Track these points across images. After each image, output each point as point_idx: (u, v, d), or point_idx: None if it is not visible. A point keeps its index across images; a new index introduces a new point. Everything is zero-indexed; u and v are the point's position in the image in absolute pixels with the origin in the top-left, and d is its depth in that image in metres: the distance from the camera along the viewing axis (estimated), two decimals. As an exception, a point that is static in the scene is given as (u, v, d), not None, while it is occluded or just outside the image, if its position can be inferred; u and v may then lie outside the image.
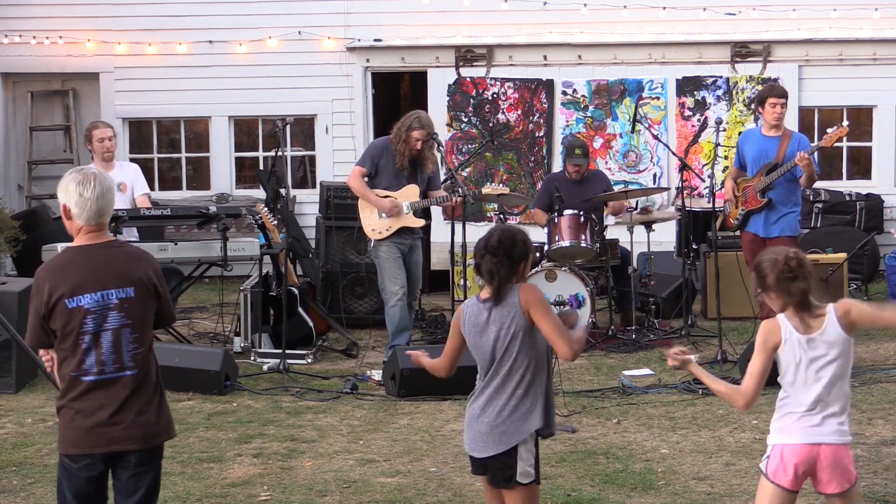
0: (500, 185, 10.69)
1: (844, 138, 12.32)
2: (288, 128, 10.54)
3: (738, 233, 9.23)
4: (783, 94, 8.86)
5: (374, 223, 8.84)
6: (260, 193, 12.22)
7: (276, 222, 9.36)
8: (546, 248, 9.52)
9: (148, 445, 4.26)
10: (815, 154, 8.58)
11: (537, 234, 10.07)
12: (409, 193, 8.85)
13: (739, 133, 11.96)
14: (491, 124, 12.31)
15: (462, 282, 9.70)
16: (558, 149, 12.06)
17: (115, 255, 4.28)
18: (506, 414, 4.37)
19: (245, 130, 13.36)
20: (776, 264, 4.24)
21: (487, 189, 9.50)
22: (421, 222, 8.97)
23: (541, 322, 4.34)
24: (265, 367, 8.72)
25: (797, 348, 4.24)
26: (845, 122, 8.79)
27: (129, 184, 9.38)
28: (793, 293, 4.22)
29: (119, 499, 4.30)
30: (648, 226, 9.90)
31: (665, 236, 11.02)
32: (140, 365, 4.24)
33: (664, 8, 12.36)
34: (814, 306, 4.25)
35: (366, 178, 8.89)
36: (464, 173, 11.96)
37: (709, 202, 9.35)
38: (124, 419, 4.21)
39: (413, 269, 8.97)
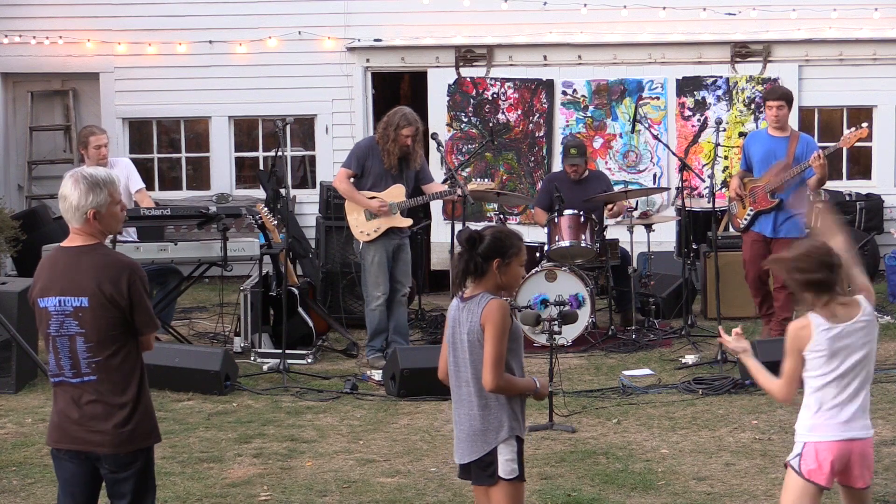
0: (486, 180, 10.70)
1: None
2: (288, 128, 10.53)
3: (741, 233, 9.21)
4: (779, 97, 8.83)
5: (361, 224, 8.86)
6: (260, 193, 12.22)
7: (276, 222, 9.36)
8: (546, 248, 9.52)
9: (117, 451, 4.22)
10: None
11: (537, 234, 10.09)
12: (395, 194, 8.87)
13: (740, 133, 12.00)
14: (491, 124, 12.30)
15: (462, 282, 9.67)
16: (558, 149, 12.05)
17: (82, 262, 4.21)
18: (477, 424, 4.37)
19: (245, 130, 13.36)
20: (792, 265, 4.26)
21: (473, 185, 9.48)
22: (408, 222, 8.99)
23: (486, 342, 4.30)
24: (265, 367, 8.72)
25: (827, 341, 4.22)
26: (864, 124, 8.78)
27: (122, 181, 9.35)
28: (805, 288, 4.24)
29: (111, 501, 4.33)
30: (648, 226, 9.89)
31: (665, 236, 11.01)
32: (99, 372, 4.20)
33: (664, 8, 12.35)
34: (838, 295, 4.24)
35: (352, 180, 8.91)
36: (464, 173, 11.95)
37: (709, 202, 9.35)
38: (89, 422, 4.21)
39: (401, 267, 8.99)
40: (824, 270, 4.21)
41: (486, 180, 12.07)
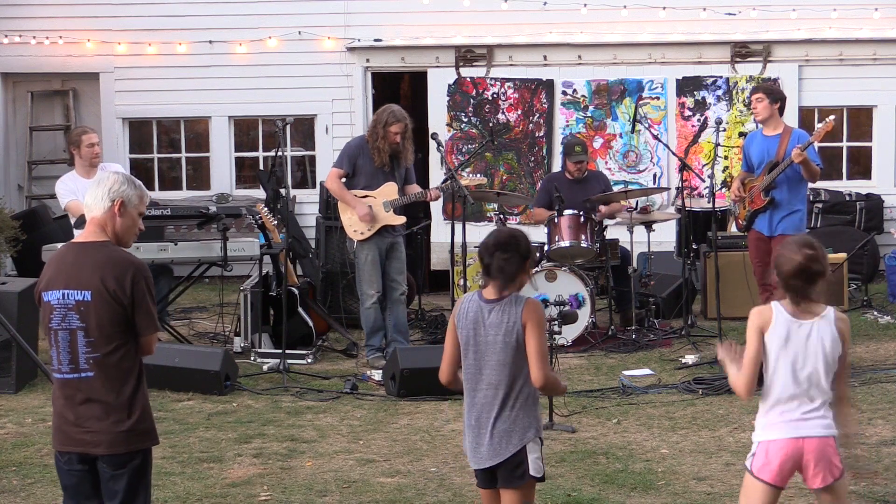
0: (478, 175, 10.69)
1: (844, 138, 12.41)
2: (288, 128, 10.54)
3: (743, 233, 9.24)
4: (759, 90, 8.87)
5: (354, 223, 8.87)
6: (260, 193, 12.22)
7: (276, 222, 9.36)
8: (546, 248, 9.52)
9: (112, 451, 4.21)
10: (815, 147, 8.56)
11: (537, 234, 10.08)
12: (388, 191, 8.87)
13: (740, 133, 12.00)
14: (491, 124, 12.30)
15: (462, 282, 9.70)
16: (558, 149, 12.04)
17: (89, 256, 4.23)
18: (504, 426, 4.36)
19: (245, 130, 13.36)
20: (792, 259, 4.26)
21: (465, 181, 9.47)
22: (401, 220, 9.00)
23: (530, 340, 4.33)
24: (265, 367, 8.72)
25: (785, 329, 4.27)
26: (830, 118, 8.77)
27: None
28: (794, 286, 4.27)
29: (105, 500, 4.32)
30: (648, 226, 9.89)
31: (665, 236, 11.01)
32: (96, 369, 4.19)
33: (664, 8, 12.35)
34: (812, 301, 4.27)
35: (343, 179, 8.91)
36: (464, 173, 11.93)
37: (709, 202, 9.36)
38: (85, 422, 4.21)
39: (396, 265, 8.99)
40: (801, 278, 4.25)
41: (478, 175, 11.98)
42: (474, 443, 4.44)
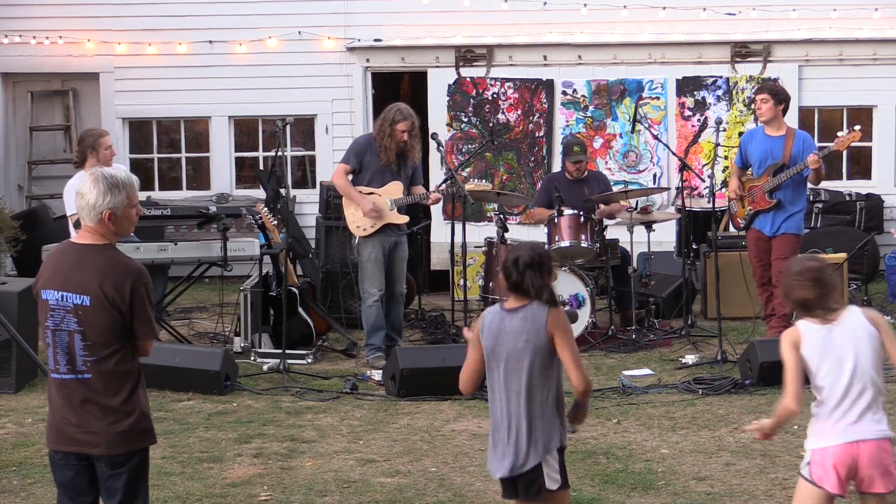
0: (482, 181, 10.71)
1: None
2: (288, 128, 10.53)
3: (741, 232, 9.25)
4: (763, 91, 8.91)
5: (358, 220, 8.87)
6: (260, 193, 12.22)
7: (276, 222, 9.36)
8: (546, 247, 9.51)
9: (111, 452, 4.21)
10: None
11: (537, 234, 10.09)
12: (393, 190, 8.87)
13: (740, 133, 11.99)
14: (491, 124, 12.30)
15: (462, 282, 9.70)
16: (558, 149, 12.05)
17: (89, 260, 4.21)
18: (524, 439, 4.36)
19: (245, 130, 13.36)
20: (788, 279, 4.32)
21: (470, 186, 9.47)
22: (405, 219, 8.99)
23: (562, 349, 4.37)
24: (265, 367, 8.71)
25: (818, 335, 4.25)
26: (857, 127, 8.79)
27: None
28: (798, 302, 4.30)
29: (103, 499, 4.32)
30: (648, 226, 9.89)
31: (665, 236, 11.02)
32: (94, 371, 4.19)
33: (664, 8, 12.36)
34: (828, 308, 4.27)
35: (350, 176, 8.92)
36: (464, 173, 11.95)
37: (709, 202, 9.36)
38: (83, 422, 4.20)
39: (397, 265, 8.98)
40: (814, 289, 4.26)
41: (481, 181, 11.98)
42: (496, 452, 4.43)
